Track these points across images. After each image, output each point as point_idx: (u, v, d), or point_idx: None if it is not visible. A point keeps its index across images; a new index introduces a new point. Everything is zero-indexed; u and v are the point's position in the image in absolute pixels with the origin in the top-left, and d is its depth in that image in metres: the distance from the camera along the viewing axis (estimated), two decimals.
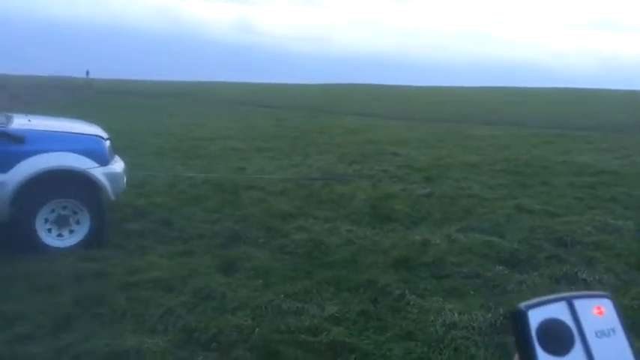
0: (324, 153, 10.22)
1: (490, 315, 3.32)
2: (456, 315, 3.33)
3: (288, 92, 33.86)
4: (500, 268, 4.22)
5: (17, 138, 4.28)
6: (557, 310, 0.56)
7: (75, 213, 4.48)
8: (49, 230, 4.41)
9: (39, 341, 2.91)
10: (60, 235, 4.45)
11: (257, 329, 3.09)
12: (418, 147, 11.47)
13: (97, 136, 4.87)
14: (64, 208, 4.46)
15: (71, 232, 4.47)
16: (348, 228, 5.21)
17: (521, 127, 16.40)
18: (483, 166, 9.12)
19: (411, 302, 3.57)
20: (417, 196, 6.75)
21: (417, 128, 16.15)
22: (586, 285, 3.86)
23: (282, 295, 3.59)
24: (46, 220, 4.39)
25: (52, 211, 4.42)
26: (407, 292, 3.70)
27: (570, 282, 3.93)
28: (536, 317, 0.55)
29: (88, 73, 36.22)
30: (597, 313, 0.57)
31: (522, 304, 0.56)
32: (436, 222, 5.59)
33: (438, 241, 4.80)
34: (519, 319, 0.55)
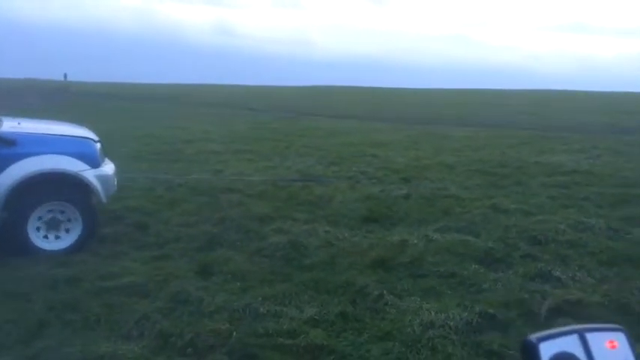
0: (302, 155, 10.22)
1: (466, 314, 3.36)
2: (433, 314, 3.36)
3: (269, 95, 33.78)
4: (476, 267, 4.27)
5: (8, 141, 4.25)
6: (569, 343, 0.53)
7: (66, 215, 4.46)
8: (42, 234, 4.39)
9: (8, 350, 2.83)
10: (53, 237, 4.42)
11: (234, 333, 3.07)
12: (396, 149, 11.55)
13: (87, 138, 4.86)
14: (56, 210, 4.43)
15: (65, 233, 4.45)
16: (326, 229, 5.21)
17: (497, 128, 16.66)
18: (459, 167, 9.23)
19: (389, 302, 3.59)
20: (395, 197, 6.80)
21: (395, 130, 16.26)
22: (559, 282, 3.94)
23: (260, 299, 3.56)
24: (39, 224, 4.37)
25: (44, 213, 4.39)
26: (385, 292, 3.71)
27: (545, 280, 4.01)
28: (547, 350, 0.52)
29: (65, 76, 35.47)
30: (610, 347, 0.54)
31: (533, 336, 0.53)
32: (414, 222, 5.63)
33: (415, 242, 4.84)
34: (530, 352, 0.52)
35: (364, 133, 14.81)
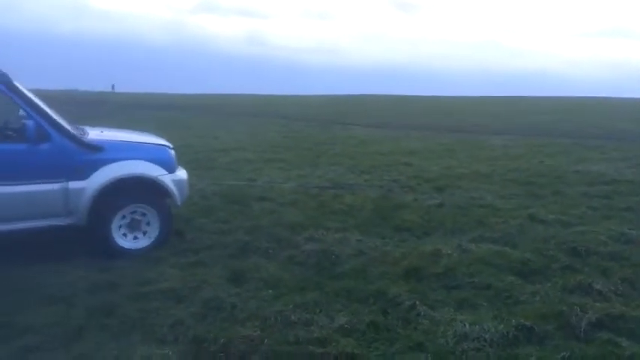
0: (334, 164, 10.23)
1: (502, 326, 3.28)
2: (467, 326, 3.29)
3: (300, 104, 34.04)
4: (513, 278, 4.16)
5: (96, 147, 4.54)
6: None
7: (145, 217, 4.76)
8: (123, 234, 4.67)
9: (49, 353, 2.93)
10: (132, 237, 4.71)
11: (266, 340, 3.09)
12: (429, 157, 11.43)
13: (164, 145, 5.22)
14: (136, 212, 4.72)
15: (143, 235, 4.75)
16: (358, 238, 5.19)
17: (534, 137, 16.27)
18: (495, 176, 9.05)
19: (422, 313, 3.54)
20: (428, 206, 6.72)
21: (428, 139, 16.09)
22: (601, 296, 3.79)
23: (292, 306, 3.57)
24: (121, 224, 4.65)
25: (126, 215, 4.68)
26: (417, 303, 3.66)
27: (585, 292, 3.87)
28: None
29: (113, 87, 36.50)
30: None
31: None
32: (447, 232, 5.55)
33: (449, 252, 4.76)
34: None
35: (396, 142, 14.73)
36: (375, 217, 6.10)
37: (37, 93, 5.01)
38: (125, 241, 4.69)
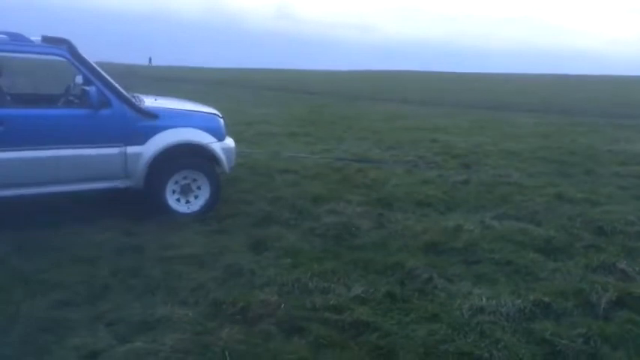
0: (360, 139, 10.18)
1: (520, 301, 3.26)
2: (484, 300, 3.28)
3: (329, 79, 33.79)
4: (535, 255, 4.12)
5: (152, 115, 4.69)
6: None
7: (196, 183, 4.94)
8: (177, 198, 4.87)
9: (76, 308, 3.07)
10: (184, 201, 4.91)
11: (283, 305, 3.15)
12: (457, 134, 11.25)
13: (214, 114, 5.34)
14: (188, 178, 4.91)
15: (193, 199, 4.94)
16: (379, 212, 5.20)
17: (568, 115, 15.76)
18: (524, 153, 8.86)
19: (439, 286, 3.55)
20: (453, 182, 6.64)
21: (457, 115, 15.80)
22: (624, 275, 3.72)
23: (310, 274, 3.63)
24: (174, 189, 4.85)
25: (180, 180, 4.87)
26: (435, 275, 3.67)
27: (608, 272, 3.80)
28: None
29: (150, 60, 36.83)
30: None
31: None
32: (471, 209, 5.49)
33: (471, 227, 4.73)
34: None
35: (425, 118, 14.53)
36: (398, 191, 6.08)
37: None
38: (178, 204, 4.88)
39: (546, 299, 3.28)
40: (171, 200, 4.85)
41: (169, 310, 3.03)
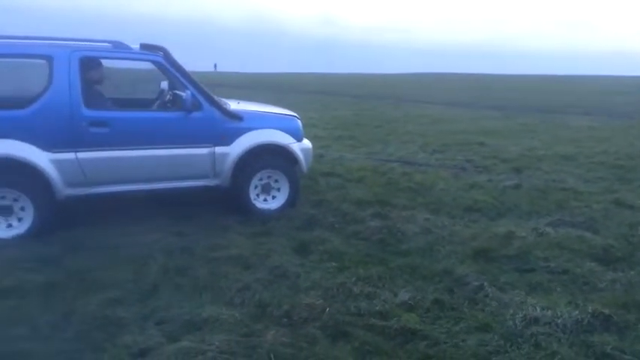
0: (405, 142, 10.04)
1: (577, 312, 3.08)
2: (539, 310, 3.13)
3: (372, 82, 33.60)
4: (592, 264, 3.91)
5: (237, 117, 4.91)
6: None
7: (276, 181, 5.18)
8: (258, 195, 5.11)
9: (127, 306, 3.14)
10: (263, 200, 5.14)
11: (328, 309, 3.11)
12: (507, 137, 10.90)
13: (293, 116, 5.52)
14: (269, 177, 5.14)
15: (273, 197, 5.17)
16: (426, 217, 5.08)
17: (626, 119, 14.97)
18: (580, 158, 8.47)
19: (490, 295, 3.41)
20: (504, 187, 6.43)
21: (506, 118, 15.33)
22: None
23: (355, 279, 3.58)
24: (256, 187, 5.09)
25: (262, 179, 5.12)
26: (486, 284, 3.54)
27: None
28: None
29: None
30: None
31: None
32: (523, 215, 5.29)
33: (523, 234, 4.54)
34: None
35: (472, 121, 14.18)
36: (444, 196, 5.93)
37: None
38: (260, 202, 5.10)
39: (606, 311, 3.09)
40: (254, 198, 5.07)
41: (216, 311, 3.05)
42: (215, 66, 37.43)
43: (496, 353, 2.73)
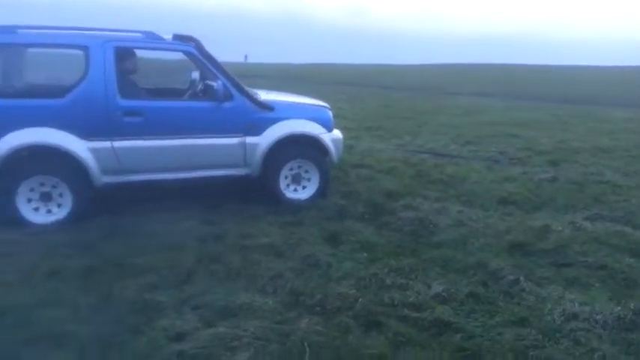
0: (436, 134, 9.90)
1: (618, 309, 3.00)
2: (577, 306, 3.06)
3: (402, 73, 33.23)
4: (632, 260, 3.79)
5: (268, 107, 4.94)
6: None
7: (307, 172, 5.18)
8: (288, 185, 5.14)
9: (163, 291, 3.20)
10: (294, 190, 5.16)
11: (361, 299, 3.11)
12: (542, 129, 10.64)
13: (323, 106, 5.52)
14: (299, 167, 5.16)
15: (303, 187, 5.18)
16: (458, 209, 5.00)
17: None
18: (618, 150, 8.21)
19: (526, 289, 3.34)
20: (539, 180, 6.29)
21: (542, 109, 14.95)
22: None
23: (387, 270, 3.56)
24: (286, 177, 5.11)
25: (292, 168, 5.13)
26: (522, 278, 3.47)
27: None
28: None
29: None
30: None
31: None
32: (559, 208, 5.16)
33: (560, 228, 4.44)
34: None
35: (505, 112, 13.89)
36: (477, 188, 5.84)
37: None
38: (290, 192, 5.12)
39: None
40: (285, 188, 5.09)
41: (250, 298, 3.09)
42: (245, 57, 37.41)
43: (534, 348, 2.68)
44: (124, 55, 4.65)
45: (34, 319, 2.84)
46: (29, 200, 4.32)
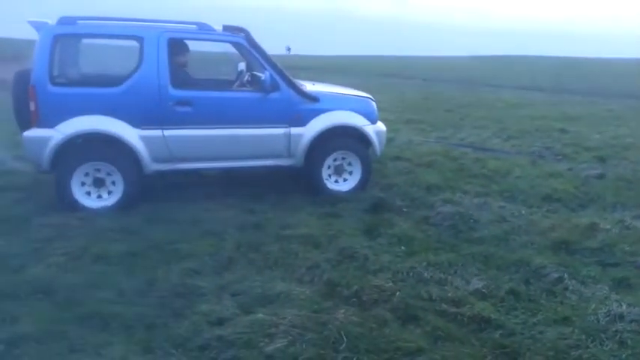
0: (478, 127, 9.68)
1: None
2: (624, 307, 2.95)
3: (443, 65, 32.58)
4: None
5: (314, 98, 4.99)
6: None
7: (349, 164, 5.20)
8: (330, 176, 5.18)
9: (204, 277, 3.29)
10: (335, 181, 5.20)
11: (398, 292, 3.10)
12: (591, 124, 10.22)
13: (369, 98, 5.51)
14: (342, 158, 5.18)
15: (345, 179, 5.21)
16: (500, 204, 4.90)
17: None
18: None
19: (570, 288, 3.25)
20: (586, 176, 6.06)
21: (589, 104, 14.35)
22: None
23: (425, 264, 3.53)
24: (329, 168, 5.16)
25: (335, 159, 5.16)
26: (566, 276, 3.37)
27: None
28: None
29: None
30: None
31: None
32: (607, 206, 4.96)
33: (607, 227, 4.27)
34: None
35: (552, 106, 13.42)
36: (521, 184, 5.68)
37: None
38: (331, 183, 5.15)
39: None
40: (327, 179, 5.11)
41: (287, 286, 3.13)
42: (288, 49, 37.20)
43: (576, 348, 2.60)
44: (177, 46, 4.76)
45: (83, 299, 2.97)
46: (82, 184, 4.50)
